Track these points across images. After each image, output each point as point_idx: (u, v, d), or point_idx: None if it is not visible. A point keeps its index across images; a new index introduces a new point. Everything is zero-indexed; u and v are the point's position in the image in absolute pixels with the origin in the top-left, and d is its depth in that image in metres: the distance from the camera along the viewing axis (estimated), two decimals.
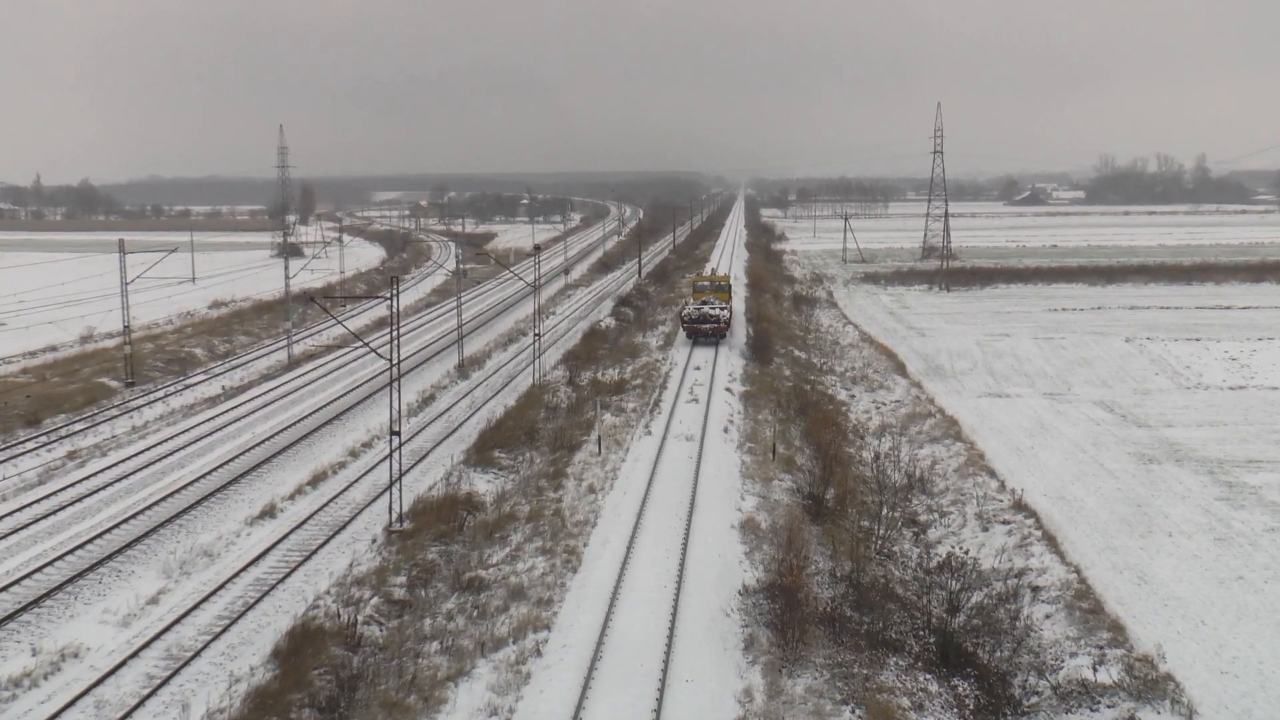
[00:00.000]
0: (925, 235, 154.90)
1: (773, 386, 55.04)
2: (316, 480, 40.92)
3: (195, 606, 28.71)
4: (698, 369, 58.54)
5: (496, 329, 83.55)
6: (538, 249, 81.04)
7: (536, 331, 63.48)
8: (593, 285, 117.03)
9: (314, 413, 52.70)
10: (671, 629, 24.81)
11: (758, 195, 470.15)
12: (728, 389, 53.73)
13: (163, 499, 38.12)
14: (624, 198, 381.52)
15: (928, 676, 23.67)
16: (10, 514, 36.05)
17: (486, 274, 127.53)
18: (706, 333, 65.43)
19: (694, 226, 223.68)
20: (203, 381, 60.99)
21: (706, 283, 74.87)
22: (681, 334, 69.34)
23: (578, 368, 60.34)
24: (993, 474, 41.40)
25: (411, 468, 42.43)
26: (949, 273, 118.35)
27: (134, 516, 36.19)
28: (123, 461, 42.93)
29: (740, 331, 70.76)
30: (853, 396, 58.28)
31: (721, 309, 67.09)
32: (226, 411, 53.03)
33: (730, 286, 76.11)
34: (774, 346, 65.97)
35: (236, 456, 44.09)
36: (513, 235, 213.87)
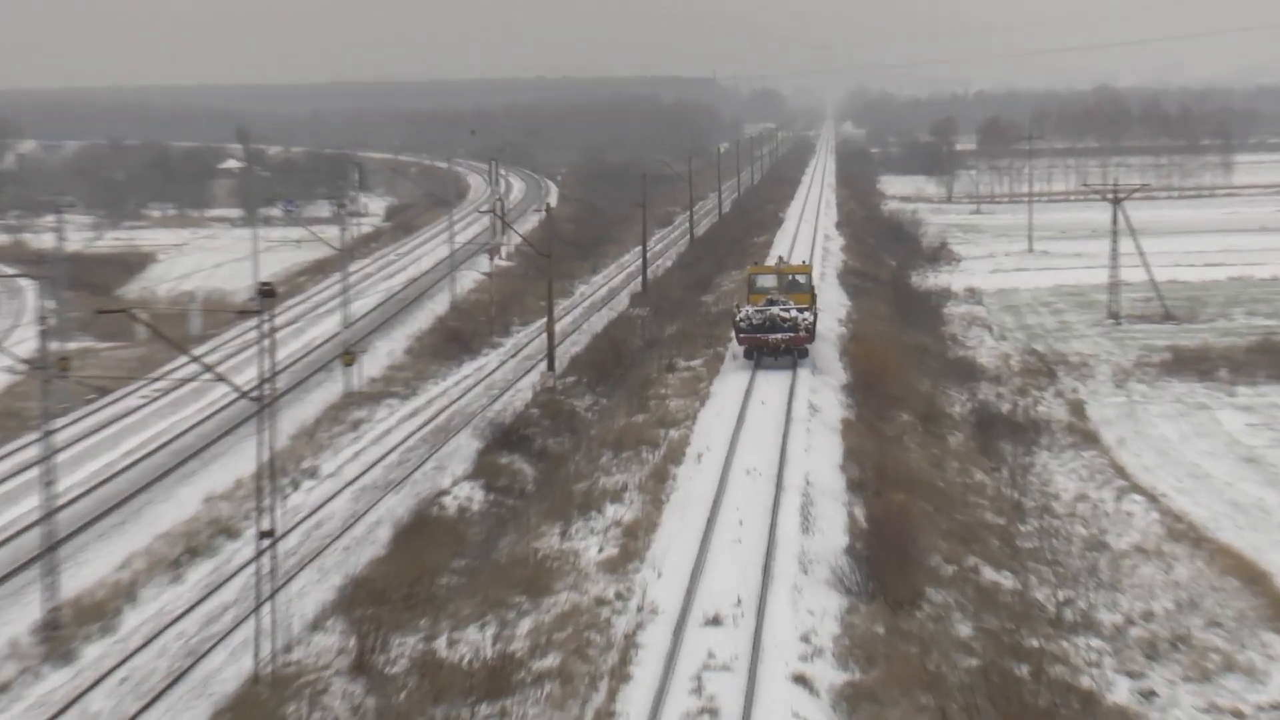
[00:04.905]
0: None
1: (923, 667, 45.77)
2: None
3: None
4: (716, 623, 47.58)
5: (152, 523, 70.41)
6: (269, 294, 64.28)
7: (269, 529, 51.66)
8: (423, 393, 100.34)
9: None
10: None
11: (868, 141, 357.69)
12: (799, 678, 43.49)
13: None
14: (509, 153, 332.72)
15: None
16: None
17: (127, 367, 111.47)
18: (776, 346, 74.05)
19: (695, 231, 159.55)
20: None
21: (771, 275, 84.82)
22: (668, 534, 59.91)
23: (383, 626, 50.46)
24: None
25: None
26: None
27: None
28: None
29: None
30: (1149, 695, 49.12)
31: (801, 312, 76.98)
32: None
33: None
34: (921, 554, 54.30)
35: None
36: (202, 258, 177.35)
